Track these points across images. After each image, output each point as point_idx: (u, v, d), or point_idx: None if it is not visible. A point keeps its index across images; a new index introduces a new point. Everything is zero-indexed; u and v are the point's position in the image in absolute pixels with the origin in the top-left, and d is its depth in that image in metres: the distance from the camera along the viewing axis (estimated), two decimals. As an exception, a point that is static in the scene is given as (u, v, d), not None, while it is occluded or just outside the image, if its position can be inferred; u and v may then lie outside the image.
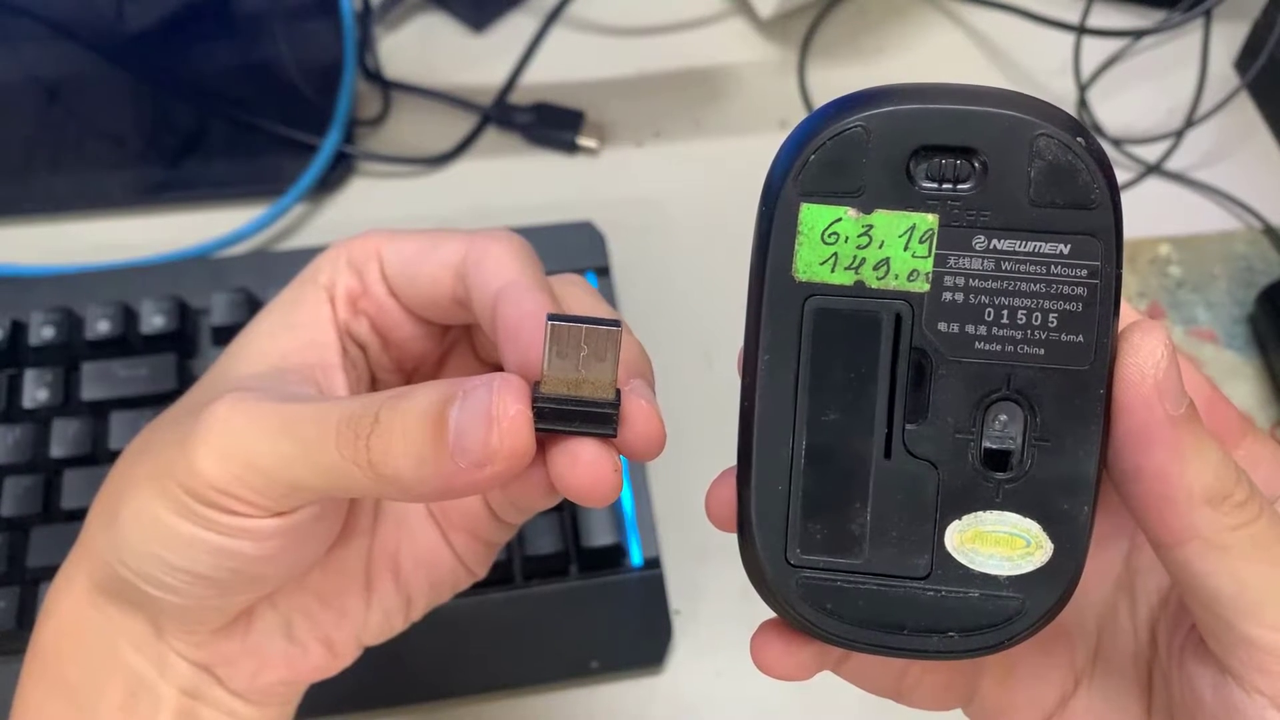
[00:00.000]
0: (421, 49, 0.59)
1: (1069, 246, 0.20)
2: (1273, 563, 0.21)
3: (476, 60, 0.58)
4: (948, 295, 0.20)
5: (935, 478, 0.21)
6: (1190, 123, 0.56)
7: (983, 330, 0.20)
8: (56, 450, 0.42)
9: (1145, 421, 0.20)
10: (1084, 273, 0.20)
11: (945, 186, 0.20)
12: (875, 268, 0.20)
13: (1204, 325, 0.50)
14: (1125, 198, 0.57)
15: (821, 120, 0.21)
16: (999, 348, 0.20)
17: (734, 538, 0.23)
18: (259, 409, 0.24)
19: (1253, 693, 0.21)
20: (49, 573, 0.39)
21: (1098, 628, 0.26)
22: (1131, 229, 0.53)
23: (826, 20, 0.61)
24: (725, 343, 0.44)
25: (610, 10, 0.60)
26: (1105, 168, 0.20)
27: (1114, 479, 0.21)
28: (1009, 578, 0.20)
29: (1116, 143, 0.56)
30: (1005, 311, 0.20)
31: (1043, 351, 0.20)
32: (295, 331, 0.28)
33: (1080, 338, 0.20)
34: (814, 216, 0.21)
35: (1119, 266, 0.20)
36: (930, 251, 0.20)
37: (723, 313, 0.36)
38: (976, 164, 0.20)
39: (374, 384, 0.30)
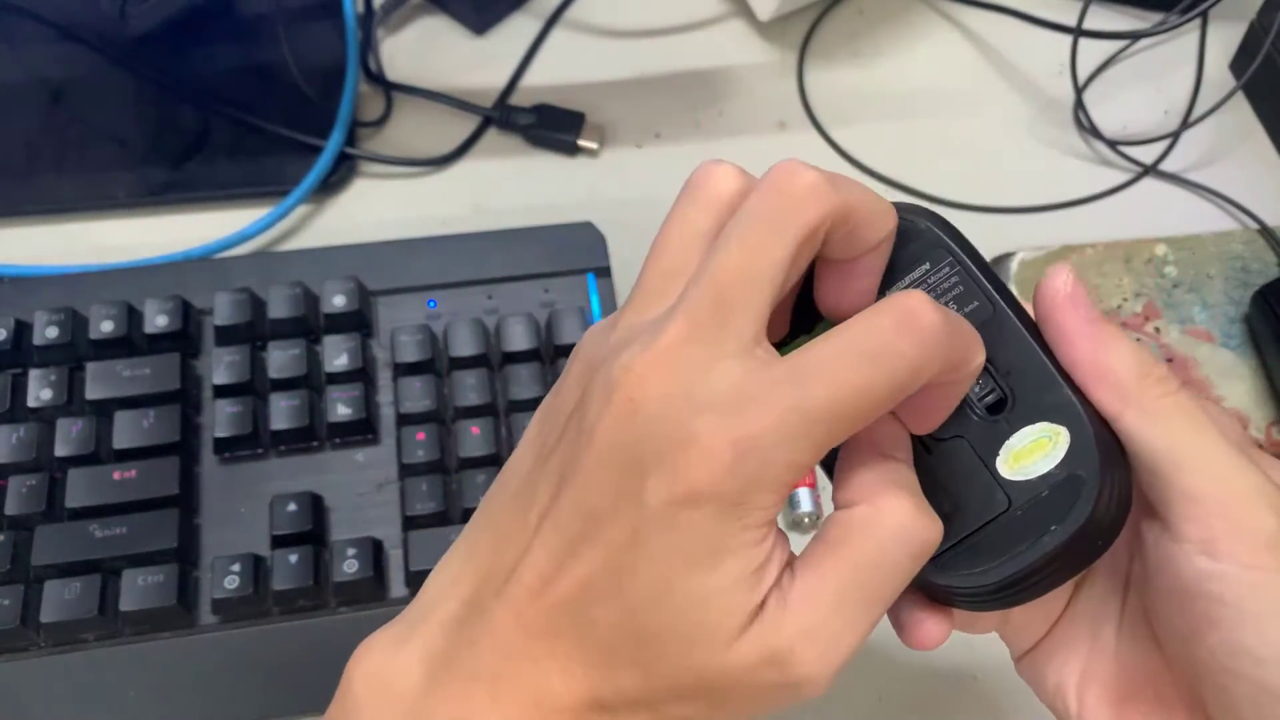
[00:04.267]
0: (423, 51, 0.59)
1: (927, 263, 0.27)
2: (1194, 424, 0.25)
3: (478, 62, 0.59)
4: None
5: (966, 444, 0.26)
6: (1186, 124, 0.56)
7: None
8: (60, 449, 0.42)
9: (1066, 325, 0.25)
10: (946, 269, 0.26)
11: None
12: None
13: (1200, 325, 0.51)
14: (1122, 198, 0.57)
15: None
16: None
17: None
18: None
19: (1183, 541, 0.24)
20: (51, 571, 0.40)
21: None
22: (1128, 229, 0.53)
23: (825, 22, 0.61)
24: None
25: (610, 12, 0.61)
26: (925, 213, 0.27)
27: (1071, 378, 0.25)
28: (1057, 466, 0.25)
29: (1113, 144, 0.56)
30: None
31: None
32: None
33: (976, 303, 0.26)
34: None
35: (967, 254, 0.27)
36: None
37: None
38: None
39: None
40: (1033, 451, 0.25)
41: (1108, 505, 0.24)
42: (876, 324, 0.22)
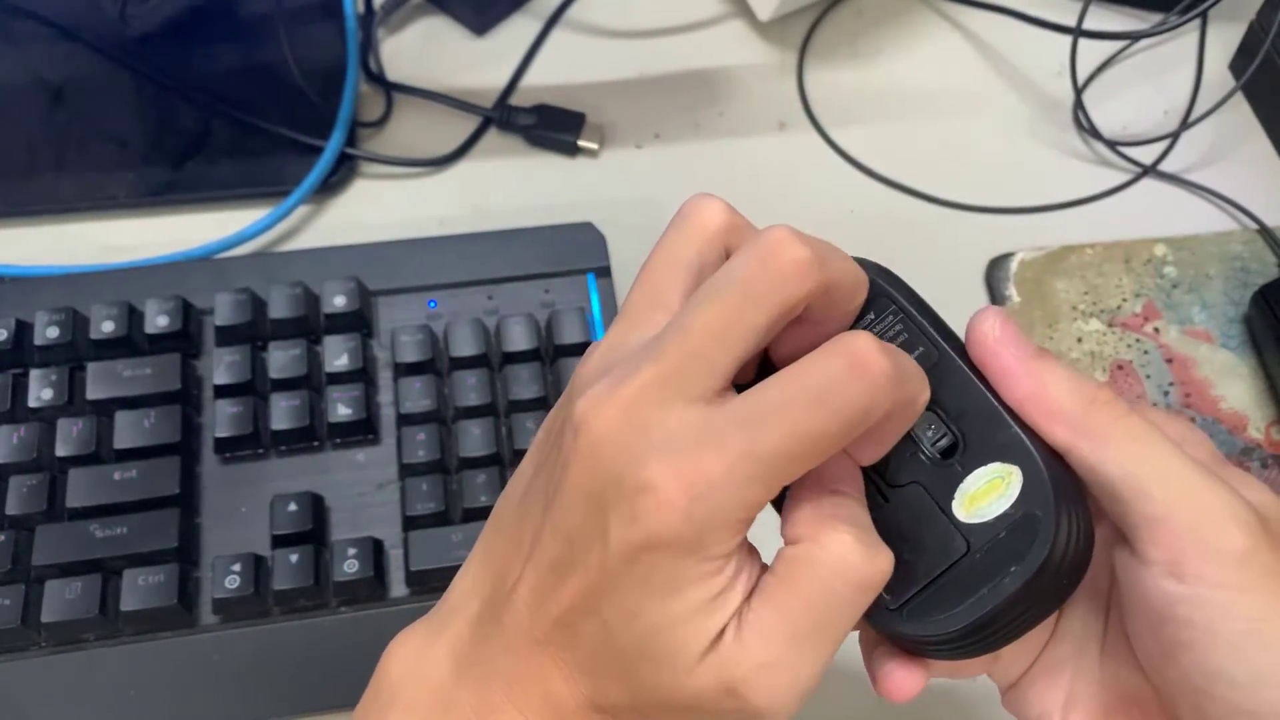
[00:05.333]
0: (423, 51, 0.59)
1: (871, 313, 0.27)
2: (1149, 446, 0.24)
3: (478, 62, 0.59)
4: None
5: (922, 489, 0.25)
6: (1186, 124, 0.56)
7: None
8: (61, 449, 0.42)
9: (1002, 365, 0.25)
10: (890, 318, 0.27)
11: None
12: None
13: (1199, 325, 0.51)
14: (1122, 199, 0.57)
15: None
16: None
17: None
18: None
19: (1150, 564, 0.24)
20: (52, 571, 0.40)
21: None
22: (1128, 230, 0.53)
23: (825, 22, 0.61)
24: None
25: (610, 13, 0.61)
26: (868, 265, 0.27)
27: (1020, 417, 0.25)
28: (1012, 505, 0.24)
29: (1113, 144, 0.56)
30: None
31: None
32: None
33: (921, 349, 0.26)
34: None
35: (910, 302, 0.27)
36: None
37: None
38: None
39: None
40: (987, 493, 0.25)
41: (1066, 541, 0.24)
42: (827, 367, 0.22)
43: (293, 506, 0.42)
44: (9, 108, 0.55)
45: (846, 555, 0.24)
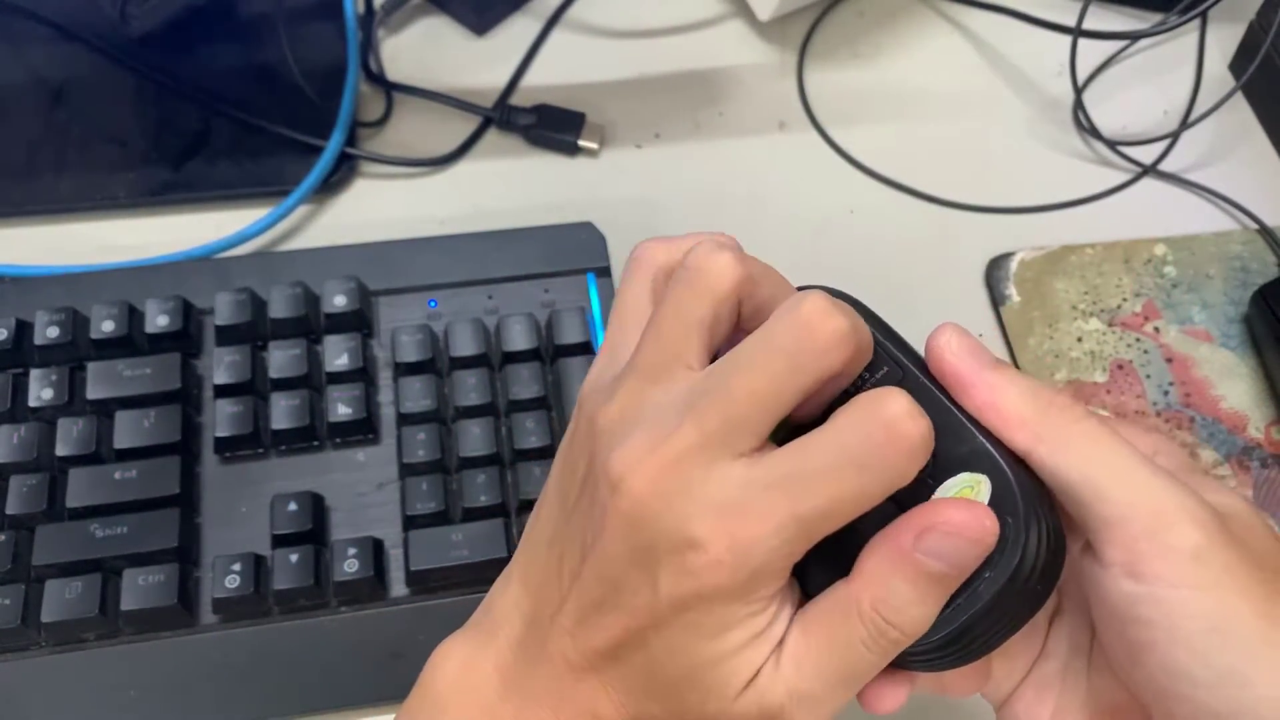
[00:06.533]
0: (423, 51, 0.59)
1: None
2: (1104, 448, 0.25)
3: (478, 62, 0.59)
4: None
5: (894, 504, 0.25)
6: (1186, 124, 0.56)
7: None
8: (61, 449, 0.42)
9: (960, 377, 0.26)
10: None
11: None
12: None
13: (1199, 325, 0.51)
14: (1122, 198, 0.58)
15: None
16: None
17: None
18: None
19: (1109, 565, 0.24)
20: (52, 571, 0.40)
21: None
22: (1127, 230, 0.53)
23: (825, 22, 0.61)
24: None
25: (610, 13, 0.61)
26: (823, 290, 0.26)
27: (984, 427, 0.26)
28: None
29: (1113, 144, 0.56)
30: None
31: None
32: None
33: (885, 369, 0.26)
34: None
35: (870, 323, 0.26)
36: None
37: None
38: None
39: None
40: None
41: (1038, 545, 0.24)
42: (868, 433, 0.23)
43: (293, 506, 0.42)
44: (9, 108, 0.55)
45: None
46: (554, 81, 0.58)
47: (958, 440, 0.25)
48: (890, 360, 0.27)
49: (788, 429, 0.25)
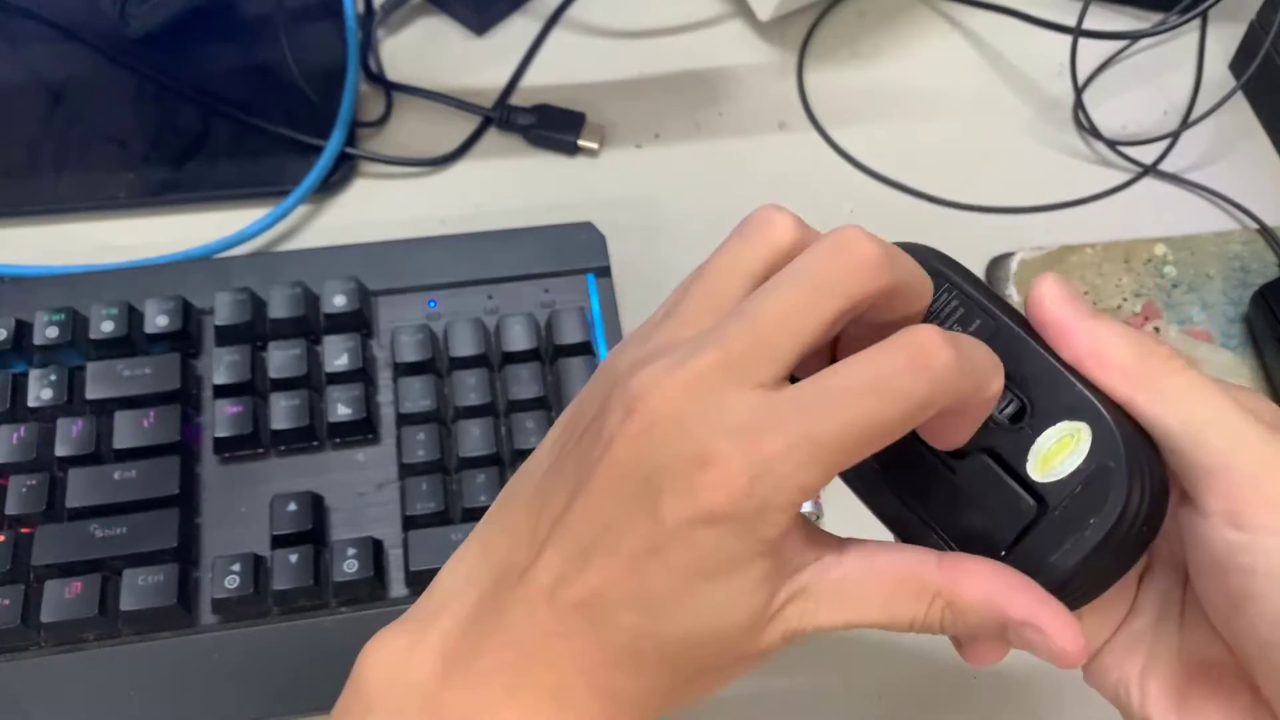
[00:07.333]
0: (423, 51, 0.59)
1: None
2: (1205, 398, 0.25)
3: (478, 62, 0.59)
4: None
5: (994, 456, 0.26)
6: (1186, 124, 0.56)
7: None
8: (61, 449, 0.42)
9: (1060, 326, 0.26)
10: (945, 295, 0.28)
11: None
12: None
13: (1199, 325, 0.51)
14: (1122, 198, 0.58)
15: None
16: None
17: None
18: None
19: (1209, 515, 0.24)
20: (52, 571, 0.40)
21: None
22: (1128, 229, 0.53)
23: (825, 22, 0.61)
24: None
25: (610, 13, 0.61)
26: (916, 247, 0.28)
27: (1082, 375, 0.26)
28: (1084, 460, 0.25)
29: (1113, 144, 0.56)
30: None
31: None
32: None
33: (978, 321, 0.27)
34: None
35: (962, 277, 0.28)
36: None
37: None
38: None
39: None
40: (1059, 451, 0.25)
41: (1141, 488, 0.24)
42: (891, 357, 0.23)
43: (292, 506, 0.41)
44: (9, 108, 0.55)
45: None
46: (554, 81, 0.58)
47: (1057, 390, 0.26)
48: (984, 313, 0.27)
49: None
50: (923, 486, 0.27)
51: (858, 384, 0.23)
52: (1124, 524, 0.24)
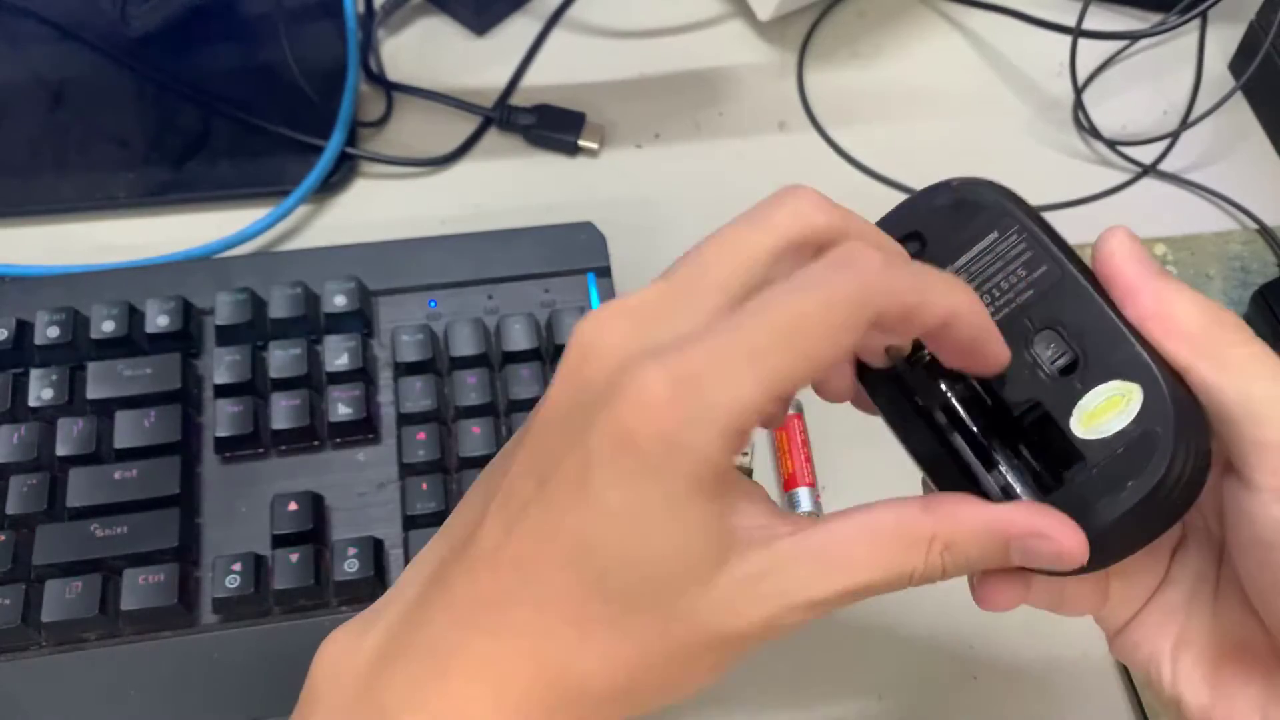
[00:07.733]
0: (423, 51, 0.59)
1: (995, 232, 0.27)
2: (1268, 374, 0.24)
3: (478, 62, 0.59)
4: None
5: (1041, 408, 0.26)
6: (1186, 124, 0.56)
7: (992, 307, 0.27)
8: (61, 449, 0.42)
9: (1128, 281, 0.25)
10: (1014, 236, 0.27)
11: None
12: None
13: (1200, 325, 0.51)
14: (1121, 198, 0.57)
15: None
16: (1008, 309, 0.27)
17: None
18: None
19: (1258, 490, 0.24)
20: (52, 571, 0.40)
21: None
22: (1127, 229, 0.53)
23: (825, 22, 0.61)
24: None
25: (610, 13, 0.61)
26: (991, 185, 0.28)
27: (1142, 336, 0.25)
28: (1131, 423, 0.25)
29: (1112, 144, 0.56)
30: (995, 288, 0.27)
31: (1032, 291, 0.27)
32: None
33: (1045, 267, 0.26)
34: None
35: (1034, 221, 0.27)
36: None
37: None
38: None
39: None
40: (1106, 410, 0.25)
41: (1185, 458, 0.24)
42: (816, 266, 0.23)
43: (293, 506, 0.42)
44: (9, 108, 0.55)
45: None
46: (554, 81, 0.58)
47: (1113, 346, 0.25)
48: (1051, 260, 0.26)
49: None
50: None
51: (783, 289, 0.22)
52: (1162, 491, 0.24)
